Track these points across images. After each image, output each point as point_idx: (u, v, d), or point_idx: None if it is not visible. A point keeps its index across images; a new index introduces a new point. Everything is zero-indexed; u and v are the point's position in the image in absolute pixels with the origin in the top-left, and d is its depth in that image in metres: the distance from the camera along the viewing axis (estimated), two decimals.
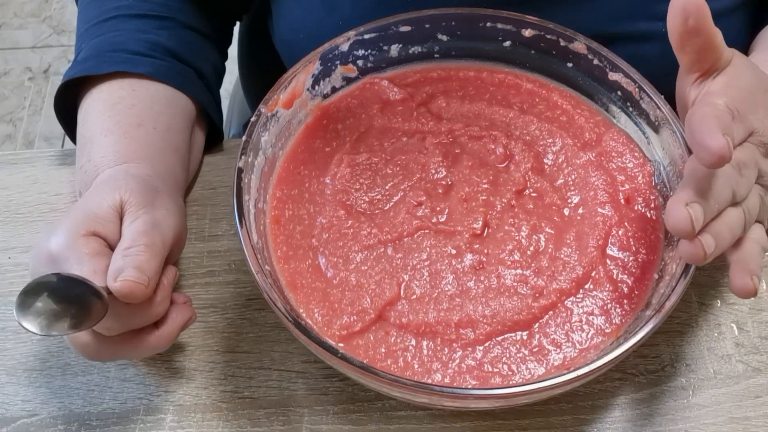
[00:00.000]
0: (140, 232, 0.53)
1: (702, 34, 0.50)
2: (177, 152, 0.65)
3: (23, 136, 1.79)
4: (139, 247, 0.52)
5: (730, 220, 0.48)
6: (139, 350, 0.55)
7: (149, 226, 0.54)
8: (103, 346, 0.53)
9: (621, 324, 0.53)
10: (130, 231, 0.54)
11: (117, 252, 0.53)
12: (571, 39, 0.62)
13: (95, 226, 0.54)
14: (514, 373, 0.52)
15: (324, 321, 0.54)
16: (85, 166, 0.61)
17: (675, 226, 0.46)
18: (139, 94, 0.65)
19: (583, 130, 0.63)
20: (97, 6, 0.70)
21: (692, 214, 0.45)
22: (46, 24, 1.98)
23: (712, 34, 0.50)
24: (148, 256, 0.52)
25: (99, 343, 0.53)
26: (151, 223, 0.55)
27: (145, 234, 0.53)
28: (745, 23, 0.71)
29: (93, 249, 0.52)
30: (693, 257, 0.47)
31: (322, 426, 0.58)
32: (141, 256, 0.52)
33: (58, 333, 0.49)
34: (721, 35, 0.51)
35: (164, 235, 0.55)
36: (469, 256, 0.56)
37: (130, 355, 0.55)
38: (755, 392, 0.59)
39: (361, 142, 0.63)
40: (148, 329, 0.54)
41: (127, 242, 0.53)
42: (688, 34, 0.50)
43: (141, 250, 0.52)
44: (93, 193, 0.57)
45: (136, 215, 0.55)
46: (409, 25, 0.64)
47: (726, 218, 0.48)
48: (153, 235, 0.54)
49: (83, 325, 0.49)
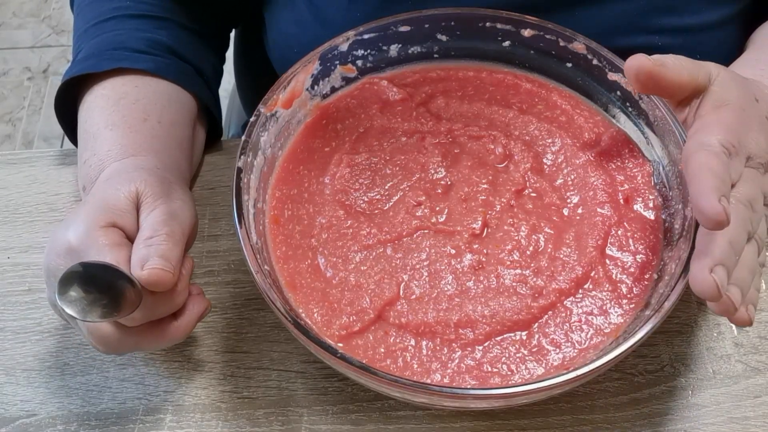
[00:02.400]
0: (160, 221, 0.54)
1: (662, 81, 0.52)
2: (181, 146, 0.65)
3: (22, 136, 1.79)
4: (161, 236, 0.53)
5: (748, 260, 0.49)
6: (159, 341, 0.55)
7: (168, 216, 0.54)
8: (124, 337, 0.53)
9: (620, 324, 0.53)
10: (150, 221, 0.54)
11: (138, 242, 0.53)
12: (571, 39, 0.62)
13: (113, 217, 0.54)
14: (513, 373, 0.52)
15: (323, 321, 0.54)
16: (90, 160, 0.61)
17: (702, 293, 0.46)
18: (142, 90, 0.65)
19: (583, 130, 0.63)
20: (94, 8, 0.70)
21: (717, 281, 0.45)
22: (45, 24, 1.98)
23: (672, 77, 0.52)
24: (170, 245, 0.52)
25: (121, 335, 0.53)
26: (169, 213, 0.55)
27: (164, 223, 0.54)
28: (740, 34, 0.71)
29: (113, 240, 0.52)
30: (725, 313, 0.47)
31: (321, 426, 0.58)
32: (164, 245, 0.52)
33: (94, 319, 0.49)
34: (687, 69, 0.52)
35: (182, 225, 0.55)
36: (469, 256, 0.56)
37: (149, 347, 0.56)
38: (754, 392, 0.59)
39: (360, 142, 0.63)
40: (168, 320, 0.54)
41: (148, 232, 0.53)
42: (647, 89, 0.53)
43: (163, 239, 0.52)
44: (107, 185, 0.57)
45: (153, 206, 0.55)
46: (408, 25, 0.64)
47: (745, 260, 0.48)
48: (172, 225, 0.54)
49: (120, 312, 0.50)
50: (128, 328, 0.53)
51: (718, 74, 0.53)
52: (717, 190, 0.45)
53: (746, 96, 0.53)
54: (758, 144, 0.51)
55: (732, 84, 0.53)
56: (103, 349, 0.54)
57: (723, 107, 0.51)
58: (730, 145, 0.48)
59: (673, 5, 0.67)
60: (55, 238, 0.54)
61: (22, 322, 0.63)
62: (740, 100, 0.52)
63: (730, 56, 0.70)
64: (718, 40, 0.57)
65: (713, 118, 0.51)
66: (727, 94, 0.52)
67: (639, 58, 0.52)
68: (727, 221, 0.44)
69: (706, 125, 0.50)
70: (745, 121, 0.51)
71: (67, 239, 0.53)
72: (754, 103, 0.53)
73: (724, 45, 0.71)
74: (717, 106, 0.51)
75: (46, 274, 0.55)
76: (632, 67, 0.52)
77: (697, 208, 0.45)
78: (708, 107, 0.52)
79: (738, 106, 0.51)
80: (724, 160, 0.48)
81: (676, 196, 0.56)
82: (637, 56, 0.52)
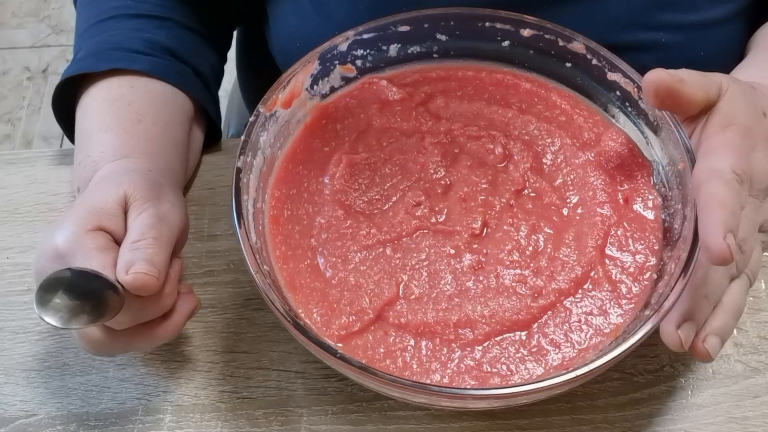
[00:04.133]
0: (147, 225, 0.54)
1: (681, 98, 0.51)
2: (176, 148, 0.65)
3: (21, 136, 1.79)
4: (147, 240, 0.53)
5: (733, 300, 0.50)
6: (149, 342, 0.55)
7: (155, 219, 0.54)
8: (114, 340, 0.53)
9: (620, 324, 0.53)
10: (137, 224, 0.54)
11: (125, 245, 0.53)
12: (570, 39, 0.62)
13: (101, 220, 0.54)
14: (512, 374, 0.52)
15: (323, 321, 0.54)
16: (84, 161, 0.61)
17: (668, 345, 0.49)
18: (137, 91, 0.65)
19: (582, 130, 0.63)
20: (95, 7, 0.70)
21: (682, 337, 0.48)
22: (45, 23, 1.98)
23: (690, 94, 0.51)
24: (157, 249, 0.52)
25: (110, 338, 0.53)
26: (157, 216, 0.55)
27: (152, 227, 0.54)
28: (743, 31, 0.71)
29: (100, 244, 0.52)
30: (703, 360, 0.49)
31: (320, 426, 0.58)
32: (150, 249, 0.52)
33: (78, 326, 0.49)
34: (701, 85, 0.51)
35: (170, 228, 0.55)
36: (468, 256, 0.56)
37: (140, 347, 0.56)
38: (754, 392, 0.59)
39: (359, 141, 0.62)
40: (157, 321, 0.54)
41: (134, 235, 0.53)
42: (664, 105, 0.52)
43: (150, 243, 0.52)
44: (96, 188, 0.57)
45: (141, 209, 0.55)
46: (407, 25, 0.64)
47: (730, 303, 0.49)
48: (160, 228, 0.54)
49: (102, 318, 0.49)
50: (117, 331, 0.53)
51: (727, 88, 0.52)
52: (725, 226, 0.45)
53: (754, 112, 0.52)
54: (760, 166, 0.50)
55: (741, 99, 0.52)
56: (95, 352, 0.54)
57: (730, 127, 0.50)
58: (741, 172, 0.48)
59: (676, 1, 0.67)
60: (43, 242, 0.54)
61: (22, 322, 0.63)
62: (747, 119, 0.51)
63: (733, 53, 0.70)
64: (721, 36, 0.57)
65: (721, 141, 0.50)
66: (735, 112, 0.51)
67: (659, 73, 0.50)
68: (731, 258, 0.44)
69: (715, 148, 0.50)
70: (752, 141, 0.50)
71: (54, 243, 0.53)
72: (761, 120, 0.52)
73: (727, 42, 0.70)
74: (724, 126, 0.51)
75: (36, 277, 0.55)
76: (651, 82, 0.51)
77: (704, 243, 0.46)
78: (715, 127, 0.51)
79: (745, 126, 0.51)
80: (736, 188, 0.47)
81: (675, 195, 0.56)
82: (656, 71, 0.51)
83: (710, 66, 0.55)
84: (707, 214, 0.46)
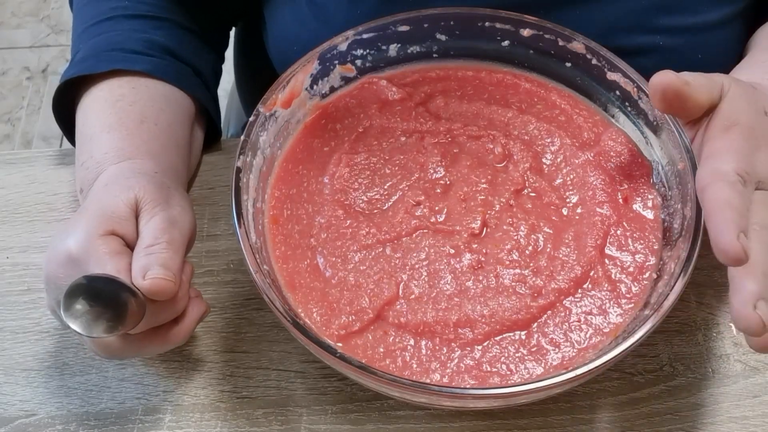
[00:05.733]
0: (160, 229, 0.54)
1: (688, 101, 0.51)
2: (179, 148, 0.65)
3: (21, 136, 1.79)
4: (161, 244, 0.52)
5: None
6: (161, 346, 0.55)
7: (167, 224, 0.54)
8: (127, 344, 0.53)
9: (619, 323, 0.53)
10: (150, 229, 0.54)
11: (139, 250, 0.53)
12: (570, 39, 0.62)
13: (113, 225, 0.54)
14: (512, 373, 0.52)
15: (322, 321, 0.54)
16: (87, 162, 0.61)
17: (747, 329, 0.44)
18: (139, 92, 0.65)
19: (582, 130, 0.63)
20: (93, 8, 0.70)
21: (763, 317, 0.44)
22: (44, 23, 1.98)
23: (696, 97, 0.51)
24: (171, 253, 0.52)
25: (123, 343, 0.53)
26: (168, 220, 0.55)
27: (165, 231, 0.53)
28: (742, 34, 0.71)
29: (113, 249, 0.52)
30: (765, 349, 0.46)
31: (320, 426, 0.58)
32: (165, 254, 0.52)
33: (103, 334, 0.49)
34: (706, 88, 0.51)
35: (182, 232, 0.55)
36: (468, 256, 0.56)
37: (151, 351, 0.56)
38: (753, 391, 0.59)
39: (359, 141, 0.63)
40: (169, 325, 0.54)
41: (148, 240, 0.53)
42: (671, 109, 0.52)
43: (164, 247, 0.52)
44: (105, 191, 0.57)
45: (152, 213, 0.55)
46: (407, 25, 0.64)
47: None
48: (172, 232, 0.54)
49: (126, 326, 0.50)
50: (130, 335, 0.53)
51: (729, 88, 0.52)
52: (736, 227, 0.44)
53: (756, 112, 0.52)
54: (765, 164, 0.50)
55: (742, 99, 0.52)
56: (106, 356, 0.54)
57: (732, 128, 0.50)
58: (745, 173, 0.48)
59: (674, 4, 0.67)
60: (54, 247, 0.54)
61: (21, 322, 0.63)
62: (749, 119, 0.51)
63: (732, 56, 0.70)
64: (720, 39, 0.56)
65: (724, 143, 0.50)
66: (737, 113, 0.51)
67: (667, 75, 0.50)
68: (746, 258, 0.44)
69: (717, 151, 0.50)
70: (755, 141, 0.50)
71: (67, 248, 0.53)
72: (763, 119, 0.52)
73: (726, 44, 0.70)
74: (726, 127, 0.50)
75: (46, 282, 0.54)
76: (659, 84, 0.50)
77: (716, 245, 0.45)
78: (718, 129, 0.51)
79: (747, 127, 0.50)
80: (740, 189, 0.47)
81: (675, 195, 0.56)
82: (663, 73, 0.50)
83: (709, 69, 0.55)
84: (716, 217, 0.45)
